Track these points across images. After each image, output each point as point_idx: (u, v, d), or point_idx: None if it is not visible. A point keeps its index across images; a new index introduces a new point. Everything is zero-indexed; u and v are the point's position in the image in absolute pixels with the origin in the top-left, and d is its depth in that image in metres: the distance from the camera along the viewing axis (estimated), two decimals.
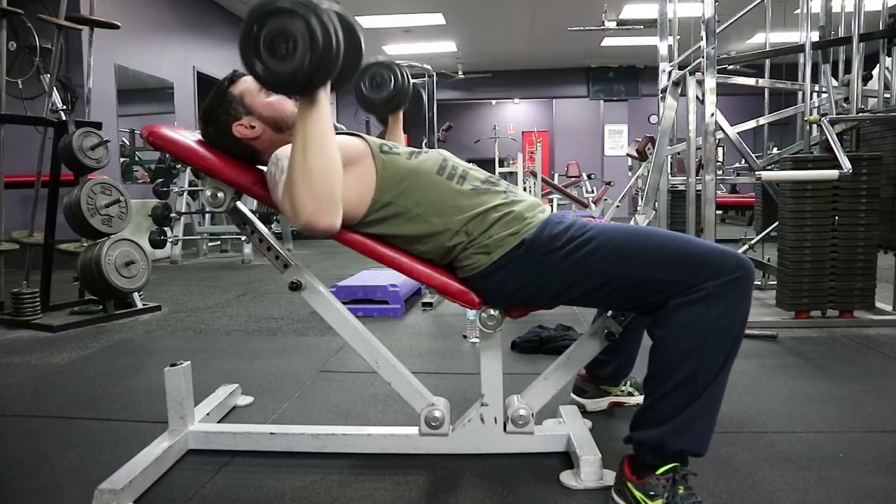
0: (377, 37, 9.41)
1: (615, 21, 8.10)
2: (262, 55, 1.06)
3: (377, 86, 1.66)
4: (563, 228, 1.28)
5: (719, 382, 1.18)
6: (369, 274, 3.67)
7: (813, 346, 2.48)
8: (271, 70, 1.07)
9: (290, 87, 1.12)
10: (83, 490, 1.32)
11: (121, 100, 5.90)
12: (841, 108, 3.18)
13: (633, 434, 1.25)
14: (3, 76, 3.17)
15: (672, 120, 3.25)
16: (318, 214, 1.15)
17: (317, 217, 1.15)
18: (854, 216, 2.71)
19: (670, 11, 3.75)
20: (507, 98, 14.96)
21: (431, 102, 3.77)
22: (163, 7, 6.70)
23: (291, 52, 1.05)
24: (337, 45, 1.06)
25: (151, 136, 1.31)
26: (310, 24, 1.03)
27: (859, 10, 2.88)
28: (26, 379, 2.21)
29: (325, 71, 1.08)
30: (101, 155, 3.20)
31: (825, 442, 1.56)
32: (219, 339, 2.79)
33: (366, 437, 1.51)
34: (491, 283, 1.32)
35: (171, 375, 1.50)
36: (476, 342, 2.52)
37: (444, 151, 1.44)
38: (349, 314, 1.43)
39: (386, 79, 1.65)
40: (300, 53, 1.04)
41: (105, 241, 3.08)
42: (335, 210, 1.17)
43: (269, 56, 1.06)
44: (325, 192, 1.15)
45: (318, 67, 1.06)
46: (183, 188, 5.75)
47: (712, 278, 1.15)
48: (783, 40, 4.11)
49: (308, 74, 1.06)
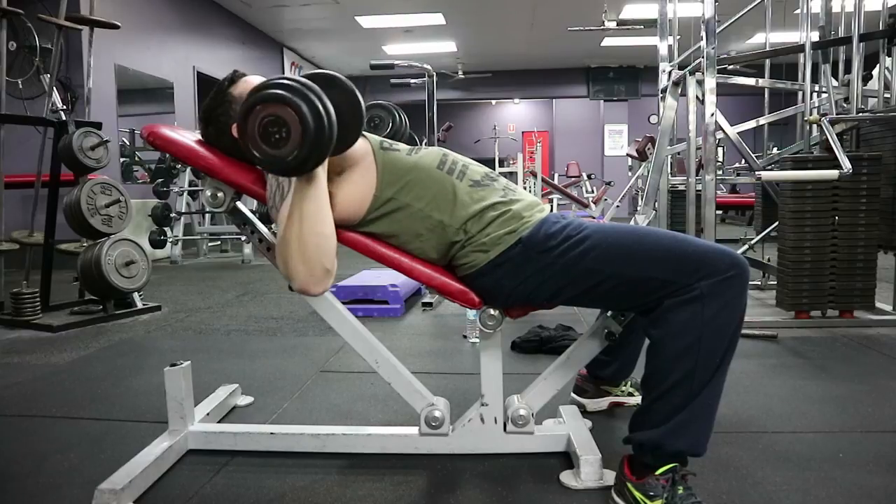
0: (377, 37, 9.41)
1: (615, 21, 8.09)
2: (258, 142, 1.09)
3: (375, 127, 1.71)
4: (560, 227, 1.28)
5: (717, 382, 1.18)
6: (369, 274, 3.67)
7: (813, 346, 2.48)
8: (267, 155, 1.09)
9: (285, 172, 1.15)
10: (83, 490, 1.32)
11: (121, 100, 5.90)
12: (841, 108, 3.18)
13: (632, 435, 1.26)
14: (3, 76, 3.17)
15: (672, 120, 3.25)
16: (310, 284, 1.20)
17: (309, 286, 1.21)
18: (854, 216, 2.71)
19: (670, 11, 3.75)
20: (507, 98, 14.95)
21: (431, 102, 3.77)
22: (163, 7, 6.69)
23: (285, 138, 1.07)
24: (329, 129, 1.08)
25: (151, 136, 1.31)
26: (300, 113, 1.06)
27: (859, 10, 2.89)
28: (26, 379, 2.21)
29: (319, 154, 1.11)
30: (101, 155, 3.20)
31: (825, 442, 1.56)
32: (219, 339, 2.79)
33: (366, 437, 1.52)
34: (488, 281, 1.32)
35: (171, 375, 1.50)
36: (476, 342, 2.52)
37: (443, 148, 1.45)
38: (349, 314, 1.43)
39: (384, 120, 1.69)
40: (293, 140, 1.07)
41: (105, 241, 3.08)
42: (328, 278, 1.22)
43: (263, 143, 1.08)
44: (318, 264, 1.19)
45: (311, 153, 1.08)
46: (183, 188, 5.75)
47: (706, 277, 1.16)
48: (783, 40, 4.11)
49: (302, 160, 1.09)
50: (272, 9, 8.04)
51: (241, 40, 8.52)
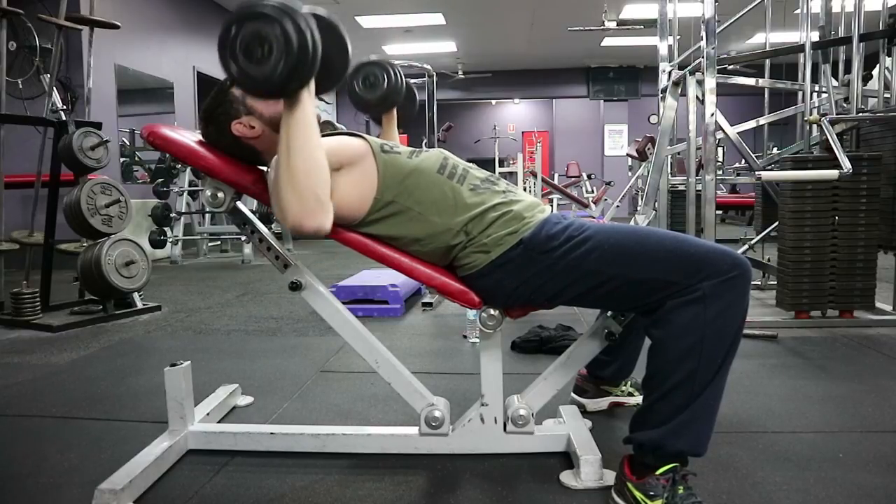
0: (377, 37, 9.41)
1: (615, 21, 8.09)
2: (239, 58, 1.07)
3: (371, 85, 1.67)
4: (561, 228, 1.28)
5: (718, 382, 1.18)
6: (369, 274, 3.67)
7: (813, 346, 2.48)
8: (247, 73, 1.08)
9: (266, 91, 1.13)
10: (83, 490, 1.32)
11: (121, 100, 5.90)
12: (841, 108, 3.18)
13: (632, 435, 1.26)
14: (3, 76, 3.17)
15: (672, 120, 3.25)
16: (303, 215, 1.17)
17: (302, 217, 1.17)
18: (854, 216, 2.71)
19: (670, 11, 3.75)
20: (507, 98, 14.95)
21: (431, 102, 3.77)
22: (163, 7, 6.70)
23: (267, 56, 1.06)
24: (314, 49, 1.07)
25: (151, 136, 1.31)
26: (285, 29, 1.04)
27: (859, 10, 2.89)
28: (26, 379, 2.21)
29: (302, 75, 1.09)
30: (101, 155, 3.20)
31: (825, 442, 1.56)
32: (219, 339, 2.79)
33: (366, 437, 1.52)
34: (489, 281, 1.32)
35: (171, 375, 1.50)
36: (476, 342, 2.52)
37: (444, 151, 1.45)
38: (349, 314, 1.43)
39: (379, 78, 1.67)
40: (275, 57, 1.05)
41: (105, 241, 3.08)
42: (322, 210, 1.18)
43: (245, 60, 1.07)
44: (310, 192, 1.16)
45: (293, 71, 1.07)
46: (183, 188, 5.74)
47: (708, 278, 1.15)
48: (783, 40, 4.12)
49: (284, 78, 1.07)
50: None
51: None
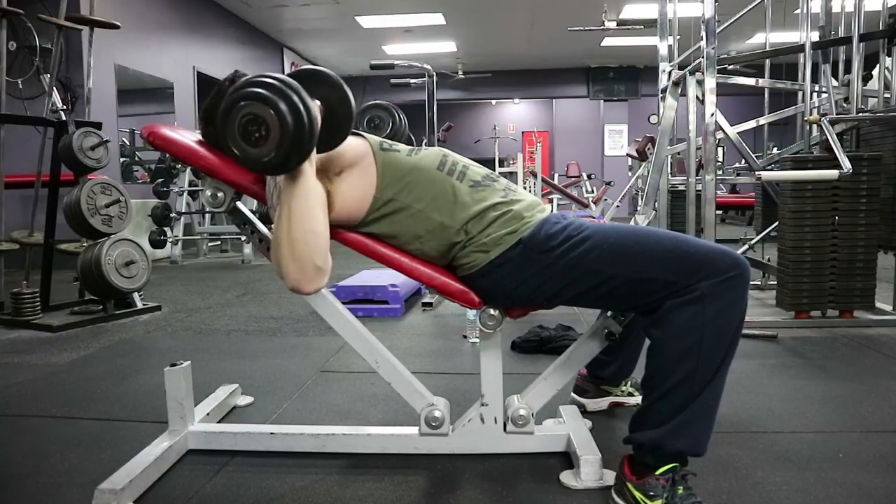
0: (377, 37, 9.41)
1: (615, 21, 8.09)
2: (238, 140, 1.08)
3: (375, 127, 1.72)
4: (560, 228, 1.28)
5: (717, 382, 1.18)
6: (369, 274, 3.67)
7: (813, 346, 2.48)
8: (247, 154, 1.09)
9: (265, 170, 1.15)
10: (83, 490, 1.32)
11: (121, 100, 5.90)
12: (841, 108, 3.18)
13: (632, 435, 1.26)
14: (3, 76, 3.17)
15: (672, 120, 3.25)
16: (302, 281, 1.19)
17: (301, 283, 1.20)
18: (854, 216, 2.71)
19: (670, 11, 3.75)
20: (507, 98, 14.95)
21: (431, 102, 3.77)
22: (163, 7, 6.69)
23: (264, 137, 1.07)
24: (310, 126, 1.08)
25: (151, 136, 1.31)
26: (279, 111, 1.05)
27: (859, 10, 2.88)
28: (26, 379, 2.21)
29: (300, 153, 1.10)
30: (101, 155, 3.20)
31: (825, 442, 1.56)
32: (219, 339, 2.79)
33: (366, 437, 1.51)
34: (489, 281, 1.32)
35: (171, 375, 1.50)
36: (476, 342, 2.52)
37: (443, 149, 1.45)
38: (349, 314, 1.43)
39: (385, 121, 1.70)
40: (272, 139, 1.07)
41: (105, 241, 3.08)
42: (319, 276, 1.21)
43: (243, 141, 1.08)
44: (308, 261, 1.18)
45: (290, 152, 1.08)
46: (183, 188, 5.74)
47: (707, 278, 1.15)
48: (783, 40, 4.11)
49: (281, 159, 1.09)
50: (272, 9, 8.04)
51: (241, 40, 8.52)
